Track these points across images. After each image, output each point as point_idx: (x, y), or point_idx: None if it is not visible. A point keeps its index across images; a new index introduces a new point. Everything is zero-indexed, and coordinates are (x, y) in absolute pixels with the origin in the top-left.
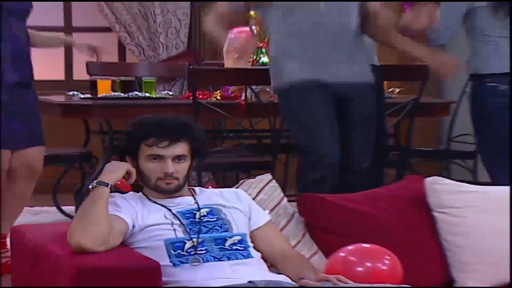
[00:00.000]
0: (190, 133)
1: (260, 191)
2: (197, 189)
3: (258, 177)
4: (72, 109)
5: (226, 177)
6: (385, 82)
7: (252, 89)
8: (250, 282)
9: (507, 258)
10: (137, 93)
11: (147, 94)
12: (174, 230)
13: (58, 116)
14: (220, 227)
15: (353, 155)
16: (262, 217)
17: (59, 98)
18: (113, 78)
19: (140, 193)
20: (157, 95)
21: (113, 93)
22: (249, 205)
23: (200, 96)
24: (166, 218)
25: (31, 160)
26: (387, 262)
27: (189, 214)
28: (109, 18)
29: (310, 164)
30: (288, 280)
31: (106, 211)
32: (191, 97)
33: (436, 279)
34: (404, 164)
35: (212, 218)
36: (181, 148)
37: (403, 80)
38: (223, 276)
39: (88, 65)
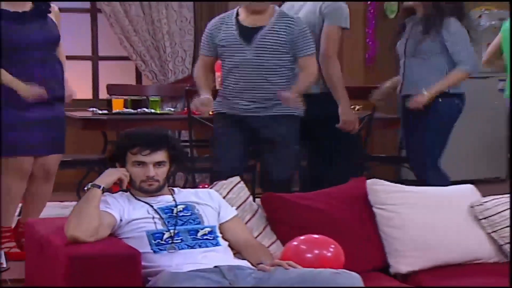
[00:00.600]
0: (168, 143)
1: (229, 191)
2: (176, 189)
3: (229, 179)
4: (91, 123)
5: None
6: None
7: None
8: (215, 267)
9: (433, 246)
10: (145, 109)
11: (153, 110)
12: (155, 223)
13: (80, 128)
14: (194, 220)
15: (269, 172)
16: (229, 212)
17: (83, 114)
18: (126, 97)
19: (128, 192)
20: (161, 111)
21: (125, 109)
22: (219, 202)
23: (195, 112)
24: (149, 213)
25: (48, 165)
26: (331, 250)
27: (168, 210)
28: (128, 49)
29: (213, 173)
30: (249, 265)
31: (97, 209)
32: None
33: (375, 264)
34: (363, 167)
35: (187, 213)
36: (160, 155)
37: (361, 99)
38: (195, 262)
39: (108, 87)
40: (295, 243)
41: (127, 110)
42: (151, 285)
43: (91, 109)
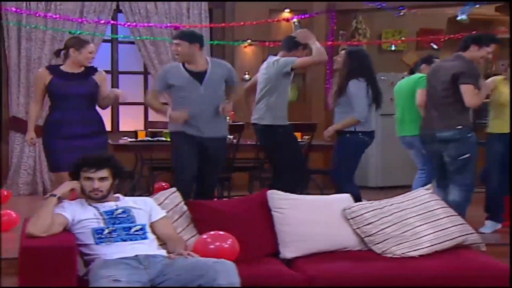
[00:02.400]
0: (110, 163)
1: (166, 198)
2: (120, 197)
3: (168, 189)
4: (119, 147)
5: None
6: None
7: None
8: (135, 256)
9: (311, 238)
10: (160, 138)
11: (164, 139)
12: (98, 222)
13: (113, 151)
14: (128, 220)
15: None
16: (159, 213)
17: (122, 141)
18: (149, 129)
19: (83, 199)
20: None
21: (146, 138)
22: (151, 206)
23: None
24: (95, 215)
25: None
26: (229, 242)
27: (110, 212)
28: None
29: (174, 179)
30: (165, 254)
31: (51, 212)
32: None
33: (269, 251)
34: (307, 178)
35: (124, 215)
36: (104, 172)
37: (308, 131)
38: (124, 251)
39: (147, 123)
40: (204, 236)
41: (147, 138)
42: (89, 269)
43: (124, 137)
